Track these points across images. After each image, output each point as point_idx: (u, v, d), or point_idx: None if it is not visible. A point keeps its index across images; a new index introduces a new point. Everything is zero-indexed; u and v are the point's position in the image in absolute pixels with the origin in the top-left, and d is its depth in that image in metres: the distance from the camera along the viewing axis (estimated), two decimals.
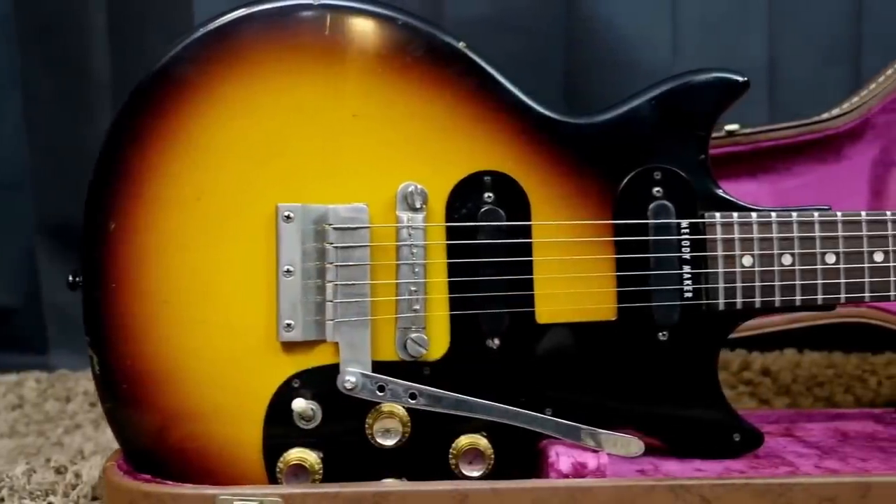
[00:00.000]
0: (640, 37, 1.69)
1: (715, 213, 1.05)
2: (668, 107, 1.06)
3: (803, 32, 1.70)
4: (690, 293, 1.05)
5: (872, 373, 1.66)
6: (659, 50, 1.69)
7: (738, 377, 1.69)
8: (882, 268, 1.06)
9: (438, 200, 1.03)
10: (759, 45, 1.69)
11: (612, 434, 1.00)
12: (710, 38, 1.69)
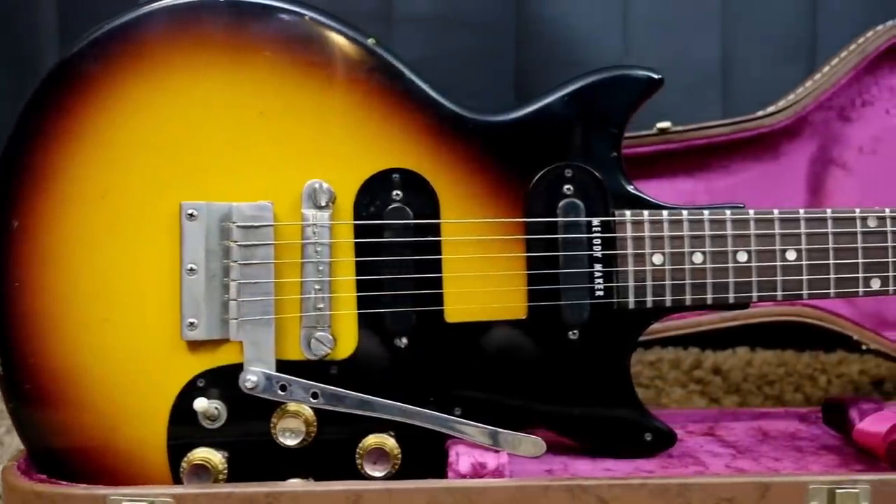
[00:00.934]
0: (591, 35, 1.69)
1: (625, 210, 1.04)
2: (580, 104, 1.05)
3: (757, 31, 1.69)
4: (602, 291, 1.04)
5: (823, 371, 1.66)
6: (610, 48, 1.69)
7: (689, 376, 1.69)
8: (794, 266, 1.05)
9: (346, 198, 1.02)
10: (712, 44, 1.68)
11: (513, 434, 0.99)
12: (662, 37, 1.68)
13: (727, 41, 1.67)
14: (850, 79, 1.36)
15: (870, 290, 1.06)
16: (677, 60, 1.67)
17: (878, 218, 1.06)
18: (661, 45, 1.67)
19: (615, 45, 1.68)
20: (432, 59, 1.66)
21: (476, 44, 1.68)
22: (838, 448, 1.11)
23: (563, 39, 1.69)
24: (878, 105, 1.38)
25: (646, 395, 1.65)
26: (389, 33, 1.67)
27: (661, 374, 1.69)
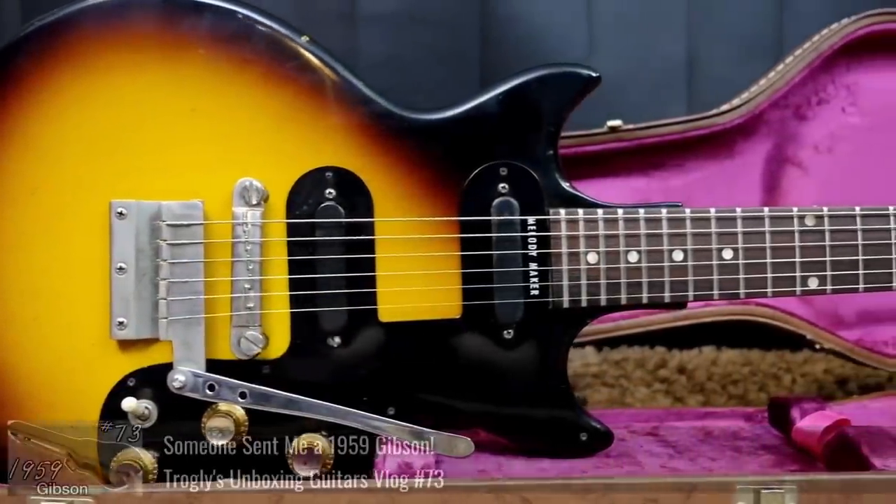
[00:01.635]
0: (556, 33, 1.68)
1: (560, 209, 1.03)
2: (515, 102, 1.05)
3: (723, 29, 1.69)
4: (537, 291, 1.04)
5: (787, 371, 1.65)
6: (575, 46, 1.68)
7: (654, 375, 1.68)
8: (731, 265, 1.05)
9: (279, 196, 1.02)
10: (677, 42, 1.68)
11: (442, 434, 0.98)
12: (627, 35, 1.68)
13: (692, 39, 1.67)
14: (805, 77, 1.35)
15: (807, 290, 1.05)
16: (642, 58, 1.67)
17: (816, 217, 1.05)
18: (626, 43, 1.67)
19: (580, 42, 1.67)
20: (397, 58, 1.66)
21: (441, 42, 1.68)
22: (778, 448, 1.10)
23: (528, 37, 1.69)
24: (835, 103, 1.38)
25: (610, 394, 1.65)
26: (354, 32, 1.66)
27: (627, 374, 1.68)
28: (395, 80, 1.64)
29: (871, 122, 1.37)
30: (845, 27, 1.34)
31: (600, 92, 1.75)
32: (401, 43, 1.66)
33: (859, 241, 1.06)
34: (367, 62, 1.68)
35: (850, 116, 1.37)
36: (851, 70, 1.37)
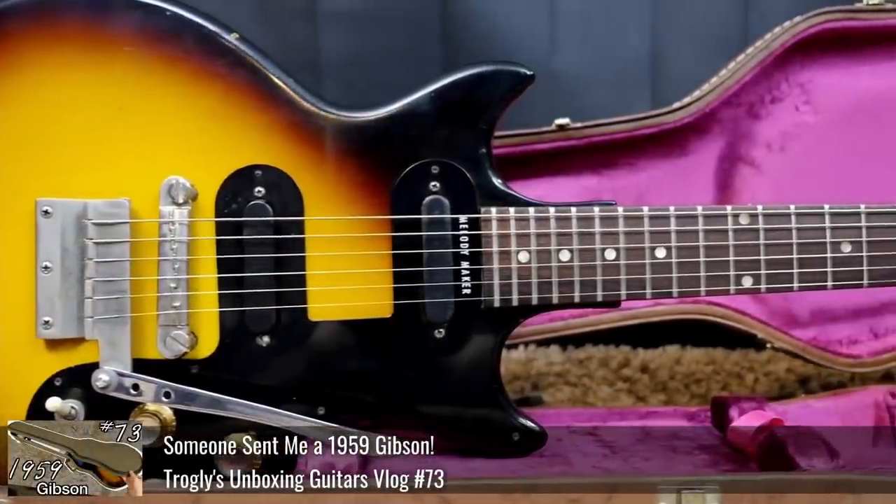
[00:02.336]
0: (518, 29, 1.67)
1: (492, 208, 1.02)
2: (447, 100, 1.04)
3: (688, 25, 1.68)
4: (469, 289, 1.03)
5: (750, 369, 1.65)
6: (537, 43, 1.67)
7: (617, 374, 1.68)
8: (664, 264, 1.04)
9: (208, 195, 1.01)
10: (641, 38, 1.67)
11: (369, 434, 0.98)
12: (590, 32, 1.67)
13: (656, 36, 1.66)
14: (757, 75, 1.34)
15: (741, 289, 1.04)
16: (606, 55, 1.66)
17: (751, 215, 1.04)
18: (589, 40, 1.66)
19: (542, 39, 1.66)
20: (357, 56, 1.65)
21: (401, 40, 1.67)
22: (715, 448, 1.10)
23: (489, 34, 1.68)
24: (788, 101, 1.37)
25: (573, 393, 1.64)
26: (314, 30, 1.66)
27: (590, 373, 1.68)
28: (355, 78, 1.63)
29: (824, 119, 1.36)
30: (797, 25, 1.33)
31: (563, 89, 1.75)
32: (361, 40, 1.65)
33: (794, 240, 1.05)
34: (328, 60, 1.67)
35: (804, 115, 1.36)
36: (806, 68, 1.36)
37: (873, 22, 1.33)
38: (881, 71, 1.36)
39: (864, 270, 1.06)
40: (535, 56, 1.72)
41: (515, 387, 1.65)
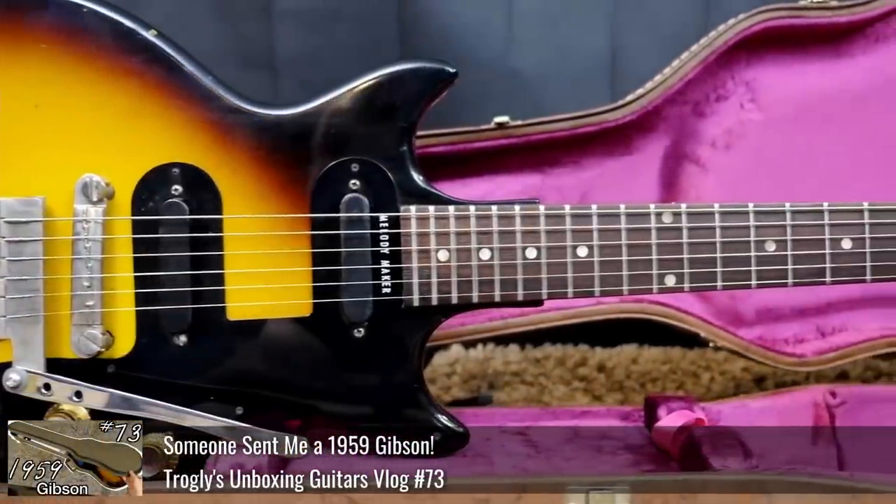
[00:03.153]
0: (474, 26, 1.66)
1: (411, 206, 1.01)
2: (367, 98, 1.04)
3: (647, 22, 1.67)
4: (389, 288, 1.02)
5: (707, 368, 1.64)
6: (493, 40, 1.67)
7: (573, 373, 1.67)
8: (586, 262, 1.03)
9: (125, 193, 1.01)
10: (601, 36, 1.66)
11: (275, 434, 0.97)
12: (549, 28, 1.66)
13: (616, 32, 1.65)
14: (699, 73, 1.33)
15: (664, 287, 1.04)
16: (565, 52, 1.65)
17: (674, 214, 1.04)
18: (548, 37, 1.65)
19: (498, 36, 1.66)
20: (314, 54, 1.65)
21: (358, 38, 1.66)
22: (641, 448, 1.09)
23: (445, 32, 1.68)
24: (733, 99, 1.36)
25: (528, 392, 1.64)
26: (270, 27, 1.65)
27: (546, 372, 1.67)
28: (311, 76, 1.62)
29: (770, 117, 1.36)
30: (741, 22, 1.33)
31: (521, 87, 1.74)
32: (317, 39, 1.65)
33: (717, 239, 1.04)
34: (284, 58, 1.66)
35: (749, 113, 1.36)
36: (752, 66, 1.35)
37: (818, 20, 1.32)
38: (829, 69, 1.36)
39: (788, 269, 1.06)
40: (493, 54, 1.71)
41: (472, 386, 1.65)
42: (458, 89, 1.81)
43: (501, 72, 1.72)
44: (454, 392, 1.68)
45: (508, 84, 1.69)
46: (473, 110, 1.41)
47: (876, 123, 1.36)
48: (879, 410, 1.25)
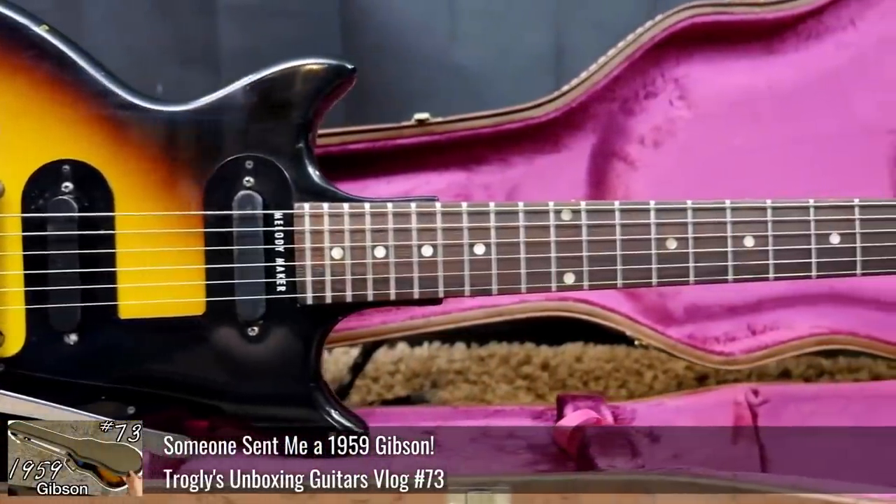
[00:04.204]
0: (417, 22, 1.66)
1: (304, 203, 1.00)
2: (263, 94, 1.03)
3: (593, 19, 1.66)
4: (284, 287, 1.01)
5: (650, 367, 1.64)
6: (436, 35, 1.66)
7: (517, 372, 1.66)
8: (483, 260, 1.02)
9: (15, 191, 0.99)
10: (545, 32, 1.65)
11: (155, 433, 0.95)
12: (493, 24, 1.65)
13: (560, 28, 1.64)
14: (626, 70, 1.33)
15: (563, 285, 1.03)
16: (509, 48, 1.64)
17: (573, 211, 1.03)
18: (492, 33, 1.65)
19: (441, 31, 1.65)
20: (256, 50, 1.63)
21: (301, 33, 1.65)
22: (544, 447, 1.08)
23: (388, 28, 1.67)
24: (662, 96, 1.35)
25: (471, 391, 1.63)
26: (213, 23, 1.64)
27: (490, 371, 1.66)
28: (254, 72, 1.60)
29: (699, 115, 1.34)
30: (667, 18, 1.32)
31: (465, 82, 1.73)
32: (260, 34, 1.64)
33: (617, 236, 1.03)
34: (226, 54, 1.66)
35: (678, 110, 1.35)
36: (682, 63, 1.34)
37: (745, 17, 1.31)
38: (760, 67, 1.35)
39: (689, 267, 1.04)
40: (435, 49, 1.70)
41: (415, 384, 1.64)
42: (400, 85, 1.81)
43: (445, 68, 1.71)
44: (396, 390, 1.67)
45: (452, 80, 1.68)
46: (416, 106, 1.40)
47: (807, 121, 1.35)
48: (801, 408, 1.24)
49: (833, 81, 1.35)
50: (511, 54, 1.65)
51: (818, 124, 1.36)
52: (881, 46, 1.35)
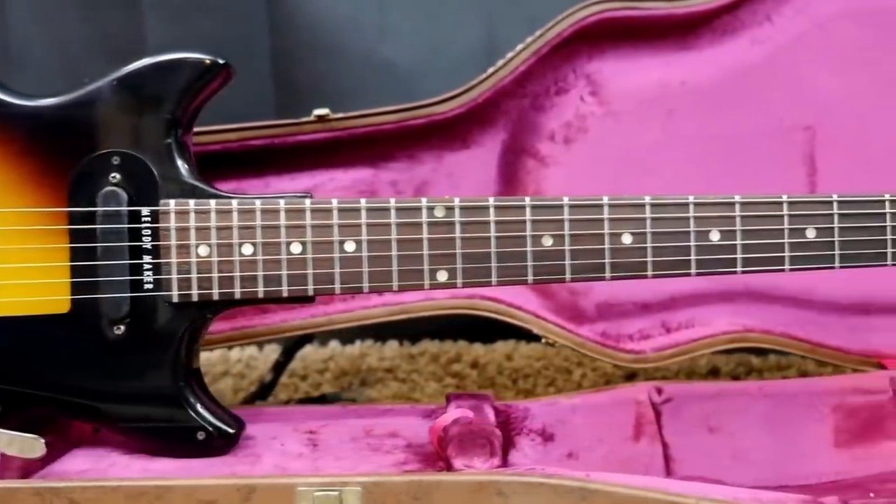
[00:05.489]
0: (346, 17, 1.64)
1: (170, 200, 0.99)
2: (130, 89, 1.02)
3: (524, 15, 1.65)
4: (151, 284, 0.99)
5: (579, 365, 1.62)
6: (365, 31, 1.64)
7: (446, 370, 1.65)
8: (354, 258, 1.00)
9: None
10: (477, 28, 1.64)
11: (10, 434, 0.94)
12: (423, 19, 1.63)
13: (492, 24, 1.62)
14: (536, 65, 1.31)
15: (436, 283, 1.01)
16: (440, 44, 1.63)
17: (447, 208, 1.01)
18: (422, 28, 1.63)
19: (371, 27, 1.63)
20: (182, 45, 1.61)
21: (228, 29, 1.63)
22: (421, 447, 1.06)
23: (317, 24, 1.65)
24: (573, 92, 1.34)
25: (399, 389, 1.62)
26: (139, 19, 1.63)
27: (419, 369, 1.65)
28: None
29: (611, 110, 1.33)
30: (574, 14, 1.31)
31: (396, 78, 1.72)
32: (187, 30, 1.62)
33: (492, 234, 1.02)
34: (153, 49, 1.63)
35: (589, 106, 1.33)
36: (594, 59, 1.33)
37: (655, 12, 1.30)
38: (675, 62, 1.34)
39: (566, 265, 1.03)
40: (365, 45, 1.69)
41: (343, 382, 1.63)
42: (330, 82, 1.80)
43: (375, 64, 1.70)
44: (324, 388, 1.66)
45: (383, 76, 1.67)
46: (347, 103, 1.39)
47: (722, 117, 1.33)
48: (704, 407, 1.22)
49: (748, 78, 1.34)
50: (442, 50, 1.63)
51: (734, 121, 1.34)
52: (797, 42, 1.33)
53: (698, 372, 1.65)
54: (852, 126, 1.34)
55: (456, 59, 1.65)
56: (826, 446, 1.18)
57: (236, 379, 1.60)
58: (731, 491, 0.90)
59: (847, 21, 1.33)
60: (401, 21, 1.65)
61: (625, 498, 0.85)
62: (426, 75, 1.65)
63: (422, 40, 1.63)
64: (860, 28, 1.33)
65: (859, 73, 1.34)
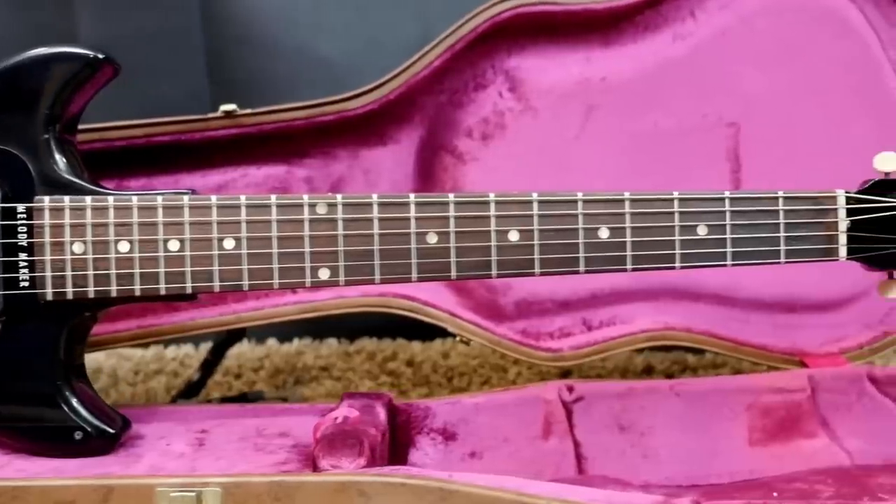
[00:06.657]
0: (279, 11, 1.63)
1: (45, 197, 0.97)
2: (7, 83, 0.99)
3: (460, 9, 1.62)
4: (27, 282, 0.98)
5: (515, 363, 1.61)
6: (300, 26, 1.63)
7: (382, 368, 1.64)
8: (233, 255, 0.99)
9: None
10: (412, 24, 1.62)
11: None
12: (358, 14, 1.62)
13: (427, 21, 1.61)
14: (450, 61, 1.30)
15: (318, 281, 1.00)
16: (375, 40, 1.61)
17: (329, 205, 0.99)
18: (357, 24, 1.61)
19: (305, 22, 1.62)
20: (116, 40, 1.61)
21: (162, 24, 1.62)
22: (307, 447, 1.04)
23: (252, 20, 1.64)
24: (492, 88, 1.32)
25: (334, 387, 1.61)
26: (70, 12, 1.61)
27: (355, 367, 1.64)
28: None
29: (529, 106, 1.31)
30: (489, 9, 1.30)
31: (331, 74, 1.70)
32: (120, 24, 1.61)
33: (375, 231, 1.00)
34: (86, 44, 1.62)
35: (507, 102, 1.32)
36: (514, 55, 1.31)
37: (572, 7, 1.28)
38: (596, 58, 1.32)
39: (451, 262, 1.01)
40: (300, 41, 1.67)
41: (277, 381, 1.61)
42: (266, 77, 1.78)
43: (311, 60, 1.68)
44: (258, 386, 1.64)
45: (318, 72, 1.65)
46: (282, 99, 1.37)
47: (645, 114, 1.32)
48: (616, 405, 1.21)
49: (672, 74, 1.32)
50: (377, 45, 1.62)
51: (656, 117, 1.33)
52: (720, 37, 1.31)
53: (633, 370, 1.64)
54: (777, 122, 1.32)
55: (392, 53, 1.62)
56: (740, 445, 1.17)
57: (169, 377, 1.59)
58: (586, 492, 0.88)
59: (771, 17, 1.32)
60: (336, 16, 1.63)
61: (482, 498, 0.83)
62: (362, 70, 1.62)
63: (357, 35, 1.61)
64: (784, 24, 1.31)
65: (783, 69, 1.32)
